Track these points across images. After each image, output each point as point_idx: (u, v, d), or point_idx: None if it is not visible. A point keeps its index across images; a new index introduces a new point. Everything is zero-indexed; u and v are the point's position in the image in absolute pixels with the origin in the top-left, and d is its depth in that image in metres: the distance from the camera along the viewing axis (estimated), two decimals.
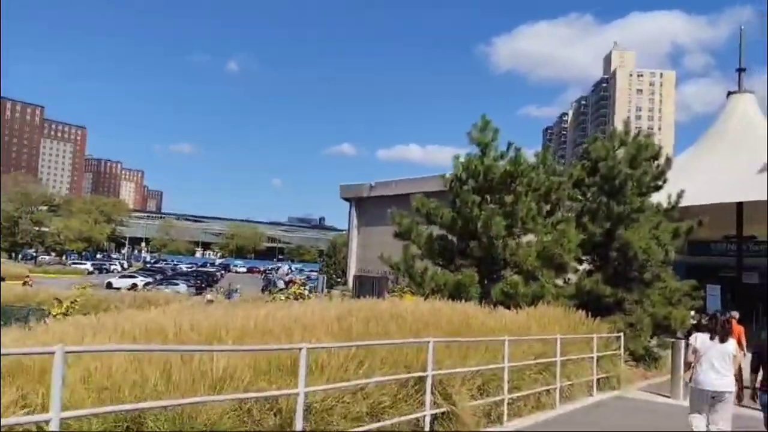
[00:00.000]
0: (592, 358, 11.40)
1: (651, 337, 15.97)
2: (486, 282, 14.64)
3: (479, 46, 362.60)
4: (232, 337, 6.46)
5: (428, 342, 6.83)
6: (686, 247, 39.55)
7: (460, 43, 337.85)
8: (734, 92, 33.30)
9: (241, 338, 6.56)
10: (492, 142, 15.53)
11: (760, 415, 7.24)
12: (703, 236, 37.33)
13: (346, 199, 44.11)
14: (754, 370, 7.15)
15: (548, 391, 9.74)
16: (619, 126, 17.97)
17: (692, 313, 19.43)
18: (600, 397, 11.33)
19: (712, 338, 7.14)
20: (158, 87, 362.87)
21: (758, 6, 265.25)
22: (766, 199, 27.15)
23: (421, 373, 6.76)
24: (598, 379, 11.67)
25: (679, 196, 17.24)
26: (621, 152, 16.32)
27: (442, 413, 7.10)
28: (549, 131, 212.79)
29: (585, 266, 16.66)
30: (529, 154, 15.69)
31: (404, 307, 10.31)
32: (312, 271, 77.49)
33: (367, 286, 22.04)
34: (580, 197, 16.76)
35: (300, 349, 5.19)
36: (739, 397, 7.31)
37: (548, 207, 15.99)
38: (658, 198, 17.16)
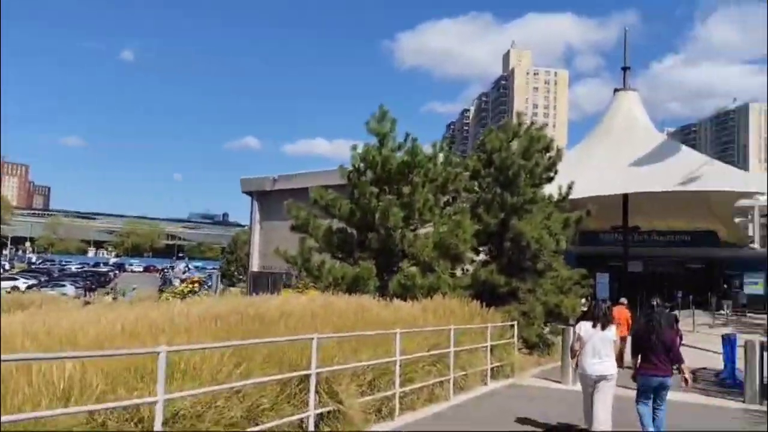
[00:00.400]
0: (487, 347, 11.46)
1: (544, 325, 16.44)
2: (385, 274, 14.48)
3: (384, 41, 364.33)
4: (90, 342, 5.78)
5: (312, 338, 6.43)
6: (577, 237, 41.62)
7: (365, 37, 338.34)
8: (620, 90, 35.35)
9: (102, 343, 5.89)
10: (390, 132, 15.38)
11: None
12: (593, 227, 39.49)
13: (248, 193, 42.85)
14: (634, 354, 7.49)
15: (442, 382, 9.63)
16: (514, 119, 18.44)
17: (582, 300, 20.36)
18: (494, 385, 11.41)
19: (594, 326, 7.46)
20: (45, 75, 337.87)
21: (641, 10, 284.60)
22: (649, 191, 28.95)
23: (305, 372, 6.37)
24: (492, 368, 11.76)
25: (570, 187, 17.83)
26: (515, 144, 16.67)
27: (329, 412, 6.74)
28: (452, 127, 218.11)
29: (482, 257, 16.92)
30: (427, 146, 15.71)
31: (296, 302, 9.89)
32: (214, 268, 75.01)
33: (263, 283, 21.32)
34: (476, 189, 16.98)
35: (158, 353, 4.63)
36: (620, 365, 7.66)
37: (446, 198, 16.08)
38: (550, 189, 17.68)
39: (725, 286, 34.95)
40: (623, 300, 16.83)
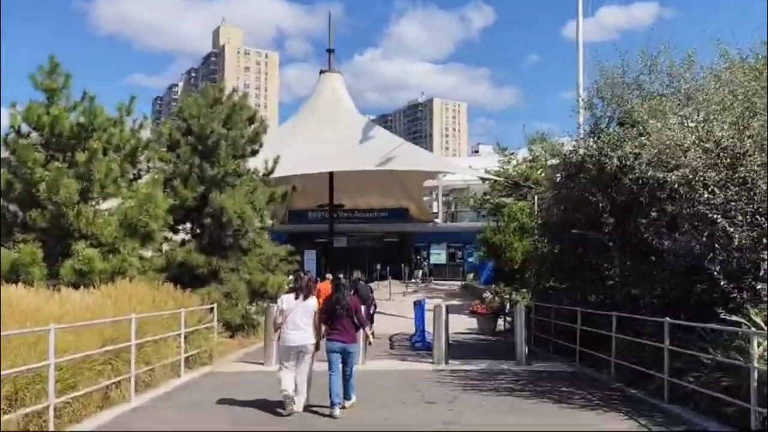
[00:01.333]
0: (181, 335, 10.13)
1: (250, 305, 15.66)
2: (58, 258, 12.02)
3: (77, 1, 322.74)
4: None
5: None
6: (287, 216, 42.08)
7: None
8: (325, 71, 36.35)
9: None
10: (62, 89, 12.81)
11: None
12: (302, 206, 40.34)
13: None
14: (324, 322, 7.70)
15: (120, 382, 8.08)
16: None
17: (290, 277, 20.30)
18: (189, 376, 10.17)
19: (296, 297, 7.62)
20: None
21: (345, 2, 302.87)
22: (352, 169, 30.32)
23: None
24: (187, 358, 10.50)
25: (276, 162, 17.27)
26: (217, 112, 15.36)
27: None
28: (159, 101, 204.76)
29: (181, 236, 15.38)
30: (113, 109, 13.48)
31: None
32: None
33: None
34: (174, 160, 15.28)
35: None
36: (318, 347, 7.73)
37: (136, 170, 14.09)
38: (256, 164, 16.91)
39: (416, 257, 38.83)
40: (328, 276, 17.00)
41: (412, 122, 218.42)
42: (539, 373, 10.96)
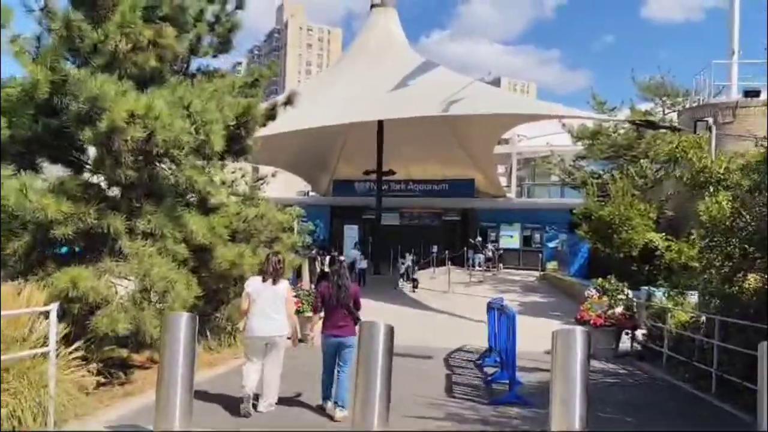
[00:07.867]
0: None
1: (212, 301, 9.06)
2: None
3: None
4: None
5: None
6: (332, 187, 35.33)
7: None
8: (377, 5, 29.35)
9: None
10: None
11: None
12: (349, 175, 33.69)
13: None
14: (316, 310, 6.66)
15: None
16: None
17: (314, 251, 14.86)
18: None
19: (264, 281, 6.31)
20: None
21: None
22: (405, 116, 23.36)
23: None
24: None
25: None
26: None
27: None
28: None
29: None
30: None
31: None
32: None
33: None
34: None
35: None
36: (294, 342, 6.40)
37: None
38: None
39: (480, 239, 31.53)
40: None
41: None
42: None
